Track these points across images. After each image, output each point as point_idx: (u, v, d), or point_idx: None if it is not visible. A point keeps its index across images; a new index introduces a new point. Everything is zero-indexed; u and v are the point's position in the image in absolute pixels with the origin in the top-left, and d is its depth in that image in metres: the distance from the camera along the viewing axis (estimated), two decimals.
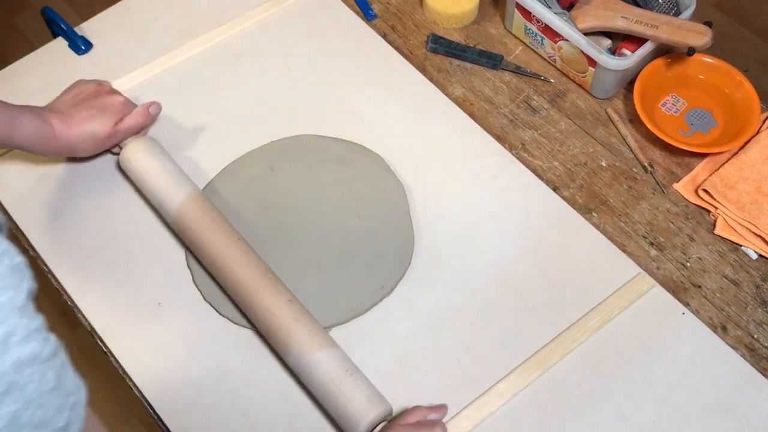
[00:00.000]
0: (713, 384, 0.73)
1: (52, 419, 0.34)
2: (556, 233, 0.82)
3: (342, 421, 0.68)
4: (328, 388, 0.68)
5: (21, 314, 0.33)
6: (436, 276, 0.79)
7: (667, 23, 0.86)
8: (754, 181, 0.84)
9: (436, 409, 0.70)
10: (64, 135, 0.78)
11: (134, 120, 0.82)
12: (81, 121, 0.79)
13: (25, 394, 0.33)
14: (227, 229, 0.76)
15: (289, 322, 0.70)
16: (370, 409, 0.67)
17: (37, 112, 0.78)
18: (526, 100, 0.93)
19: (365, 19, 0.99)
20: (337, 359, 0.69)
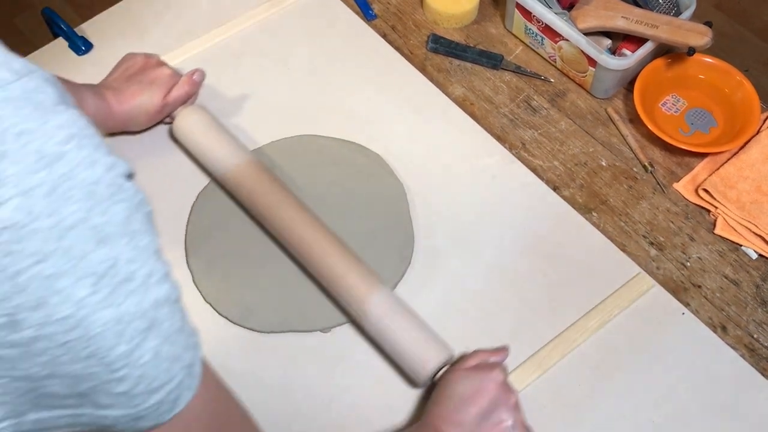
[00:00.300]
0: (713, 384, 0.73)
1: (182, 356, 0.38)
2: (556, 233, 0.82)
3: (406, 366, 0.70)
4: (389, 335, 0.70)
5: (157, 258, 0.37)
6: (436, 276, 0.79)
7: (667, 23, 0.86)
8: (754, 180, 0.84)
9: (497, 353, 0.70)
10: (118, 111, 0.81)
11: (181, 90, 0.84)
12: (132, 96, 0.81)
13: (163, 331, 0.36)
14: (283, 187, 0.79)
15: (349, 272, 0.73)
16: (433, 356, 0.69)
17: (94, 90, 0.80)
18: (526, 99, 0.93)
19: (365, 19, 0.99)
20: (398, 307, 0.71)
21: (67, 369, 0.34)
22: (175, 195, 0.84)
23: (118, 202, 0.34)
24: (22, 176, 0.31)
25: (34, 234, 0.31)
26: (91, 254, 0.33)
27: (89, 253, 0.33)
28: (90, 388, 0.35)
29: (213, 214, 0.82)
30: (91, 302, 0.33)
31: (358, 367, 0.74)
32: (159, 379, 0.36)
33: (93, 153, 0.34)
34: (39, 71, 0.34)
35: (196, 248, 0.80)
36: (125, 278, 0.34)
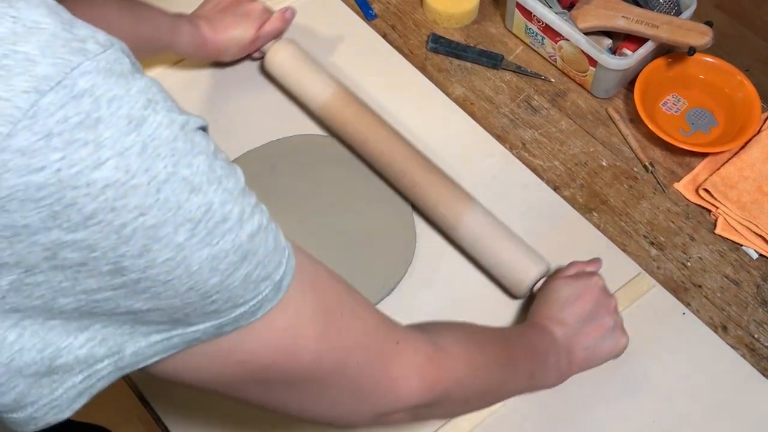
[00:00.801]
0: (713, 384, 0.73)
1: (272, 273, 0.42)
2: (556, 233, 0.82)
3: (507, 275, 0.75)
4: (489, 246, 0.75)
5: (244, 194, 0.40)
6: (437, 276, 0.79)
7: (668, 23, 0.86)
8: (754, 180, 0.84)
9: (592, 263, 0.75)
10: (212, 40, 0.86)
11: (273, 26, 0.89)
12: (226, 28, 0.86)
13: (256, 258, 0.40)
14: (375, 114, 0.84)
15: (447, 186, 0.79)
16: (534, 266, 0.74)
17: (189, 20, 0.85)
18: (526, 99, 0.93)
19: (365, 19, 0.99)
20: (495, 221, 0.77)
21: (167, 302, 0.38)
22: None
23: (198, 154, 0.38)
24: (116, 138, 0.34)
25: (134, 189, 0.34)
26: (187, 203, 0.36)
27: (185, 202, 0.36)
28: (185, 314, 0.39)
29: None
30: (190, 244, 0.36)
31: None
32: (245, 297, 0.40)
33: (169, 114, 0.37)
34: (118, 43, 0.37)
35: None
36: (221, 219, 0.38)
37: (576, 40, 0.87)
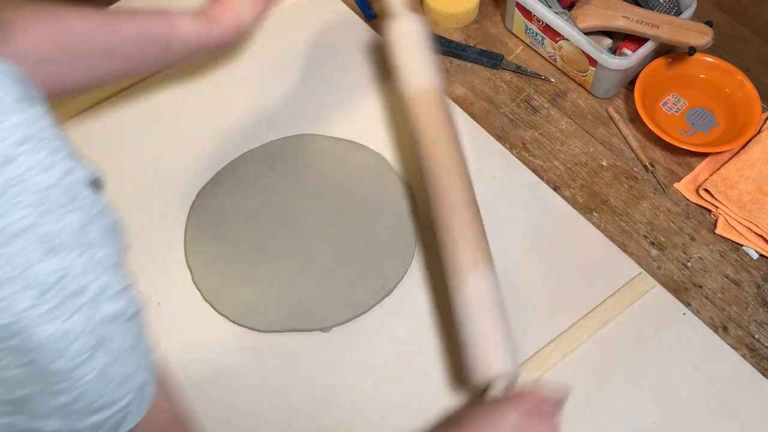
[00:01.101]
0: (714, 384, 0.73)
1: (133, 376, 0.36)
2: (557, 233, 0.82)
3: (469, 360, 0.67)
4: (470, 320, 0.67)
5: (114, 271, 0.35)
6: (437, 276, 0.79)
7: (668, 23, 0.86)
8: (755, 180, 0.84)
9: (555, 401, 0.65)
10: (221, 11, 0.78)
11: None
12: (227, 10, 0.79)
13: (112, 350, 0.34)
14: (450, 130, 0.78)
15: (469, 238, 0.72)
16: (498, 363, 0.65)
17: (192, 12, 0.78)
18: (526, 99, 0.93)
19: (365, 19, 0.99)
20: (491, 297, 0.68)
21: (5, 373, 0.33)
22: (175, 194, 0.84)
23: (72, 211, 0.33)
24: None
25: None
26: (38, 264, 0.31)
27: (36, 263, 0.31)
28: (27, 395, 0.33)
29: (213, 213, 0.82)
30: (34, 314, 0.32)
31: (358, 367, 0.74)
32: (102, 400, 0.35)
33: (49, 156, 0.32)
34: (8, 69, 0.33)
35: (196, 247, 0.80)
36: (75, 292, 0.33)
37: (576, 40, 0.87)
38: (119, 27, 0.71)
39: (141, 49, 0.74)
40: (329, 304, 0.76)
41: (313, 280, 0.78)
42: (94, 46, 0.70)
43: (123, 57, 0.73)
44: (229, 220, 0.82)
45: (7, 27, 0.63)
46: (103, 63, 0.72)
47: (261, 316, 0.76)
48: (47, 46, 0.66)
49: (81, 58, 0.69)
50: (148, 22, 0.74)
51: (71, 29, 0.68)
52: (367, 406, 0.72)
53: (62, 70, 0.68)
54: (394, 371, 0.74)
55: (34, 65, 0.65)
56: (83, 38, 0.69)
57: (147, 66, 0.78)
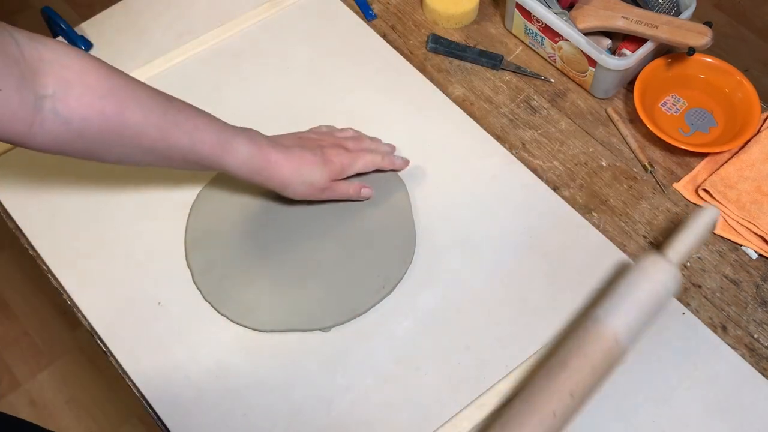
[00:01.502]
0: (713, 384, 0.73)
1: None
2: (556, 233, 0.82)
3: None
4: None
5: None
6: (437, 276, 0.79)
7: (667, 23, 0.86)
8: (754, 180, 0.84)
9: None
10: (279, 170, 0.74)
11: (345, 189, 0.80)
12: (302, 162, 0.75)
13: None
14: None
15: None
16: None
17: (251, 137, 0.74)
18: (526, 99, 0.93)
19: (365, 19, 0.99)
20: None
21: None
22: (175, 194, 0.84)
23: None
24: None
25: None
26: None
27: None
28: None
29: (213, 213, 0.82)
30: None
31: (358, 367, 0.74)
32: None
33: None
34: None
35: (196, 247, 0.80)
36: None
37: (575, 41, 0.88)
38: (173, 135, 0.68)
39: (183, 160, 0.71)
40: (329, 304, 0.77)
41: (313, 280, 0.78)
42: (140, 142, 0.67)
43: (164, 159, 0.70)
44: (229, 220, 0.82)
45: (65, 86, 0.61)
46: (139, 155, 0.69)
47: (261, 316, 0.76)
48: (94, 126, 0.64)
49: (121, 145, 0.67)
50: (202, 142, 0.70)
51: (126, 120, 0.65)
52: (367, 406, 0.72)
53: (97, 148, 0.66)
54: (394, 371, 0.74)
55: (72, 133, 0.63)
56: (133, 132, 0.66)
57: (182, 168, 0.74)
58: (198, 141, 0.70)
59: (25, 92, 0.59)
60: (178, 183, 0.85)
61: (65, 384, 1.60)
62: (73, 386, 1.60)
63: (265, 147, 0.74)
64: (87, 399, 1.58)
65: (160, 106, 0.68)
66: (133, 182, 0.85)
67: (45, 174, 0.86)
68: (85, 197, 0.84)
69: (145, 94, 0.67)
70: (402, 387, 0.73)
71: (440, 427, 0.71)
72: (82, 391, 1.59)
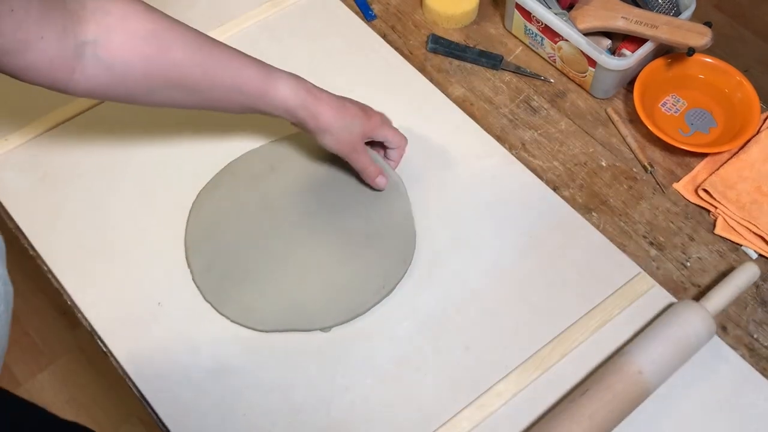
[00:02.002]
0: (713, 384, 0.73)
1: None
2: (556, 233, 0.82)
3: None
4: None
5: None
6: (437, 276, 0.79)
7: (667, 23, 0.86)
8: (754, 180, 0.84)
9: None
10: (323, 109, 0.73)
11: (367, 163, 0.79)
12: (345, 109, 0.75)
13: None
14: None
15: None
16: None
17: (296, 77, 0.74)
18: (526, 100, 0.93)
19: (365, 19, 0.99)
20: None
21: None
22: (175, 194, 0.84)
23: None
24: None
25: None
26: None
27: None
28: None
29: (213, 213, 0.82)
30: None
31: (358, 367, 0.74)
32: None
33: None
34: None
35: (196, 247, 0.80)
36: None
37: (575, 41, 0.88)
38: (215, 72, 0.69)
39: (226, 99, 0.72)
40: (329, 304, 0.77)
41: (313, 280, 0.78)
42: (183, 82, 0.68)
43: (206, 99, 0.71)
44: (229, 220, 0.82)
45: (106, 32, 0.62)
46: (182, 96, 0.70)
47: (261, 316, 0.76)
48: (137, 69, 0.64)
49: (165, 87, 0.67)
50: (246, 78, 0.71)
51: (169, 59, 0.66)
52: (367, 406, 0.72)
53: (139, 91, 0.67)
54: (394, 371, 0.74)
55: (115, 78, 0.64)
56: (176, 72, 0.67)
57: (223, 110, 0.75)
58: (243, 78, 0.70)
59: (67, 39, 0.60)
60: (178, 183, 0.85)
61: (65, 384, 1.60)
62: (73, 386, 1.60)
63: (310, 87, 0.74)
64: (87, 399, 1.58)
65: (203, 46, 0.68)
66: (133, 182, 0.85)
67: (45, 174, 0.86)
68: (86, 197, 0.84)
69: (188, 35, 0.68)
70: (402, 387, 0.73)
71: (440, 427, 0.71)
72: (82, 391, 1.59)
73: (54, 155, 0.87)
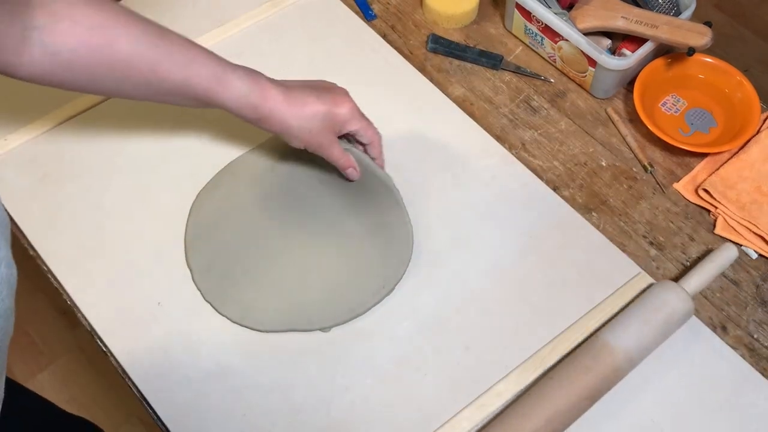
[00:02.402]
0: (713, 384, 0.73)
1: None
2: (556, 233, 0.82)
3: None
4: None
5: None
6: (436, 276, 0.79)
7: (667, 23, 0.86)
8: (753, 180, 0.84)
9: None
10: (278, 110, 0.70)
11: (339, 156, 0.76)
12: (305, 105, 0.71)
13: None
14: None
15: None
16: None
17: (251, 74, 0.71)
18: (526, 100, 0.93)
19: (365, 19, 0.99)
20: None
21: None
22: (175, 194, 0.84)
23: None
24: None
25: None
26: None
27: None
28: None
29: (213, 213, 0.82)
30: None
31: (358, 367, 0.74)
32: None
33: None
34: None
35: (196, 247, 0.80)
36: None
37: (575, 41, 0.88)
38: (163, 67, 0.67)
39: (177, 95, 0.69)
40: (329, 304, 0.77)
41: (313, 280, 0.78)
42: (129, 75, 0.67)
43: (155, 93, 0.69)
44: (229, 220, 0.82)
45: (53, 18, 0.62)
46: (129, 89, 0.68)
47: (261, 316, 0.76)
48: (83, 58, 0.64)
49: (110, 78, 0.67)
50: (195, 75, 0.68)
51: (114, 51, 0.64)
52: (367, 406, 0.72)
53: (85, 80, 0.66)
54: (394, 371, 0.74)
55: (60, 65, 0.64)
56: (122, 65, 0.66)
57: (177, 104, 0.72)
58: (192, 74, 0.67)
59: (15, 24, 0.61)
60: (178, 183, 0.85)
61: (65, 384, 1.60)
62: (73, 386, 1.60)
63: (265, 84, 0.70)
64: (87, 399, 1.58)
65: (152, 39, 0.66)
66: (133, 182, 0.85)
67: (45, 174, 0.86)
68: (86, 197, 0.84)
69: (136, 27, 0.66)
70: (402, 387, 0.73)
71: (440, 427, 0.71)
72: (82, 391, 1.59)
73: (54, 155, 0.87)
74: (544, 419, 0.67)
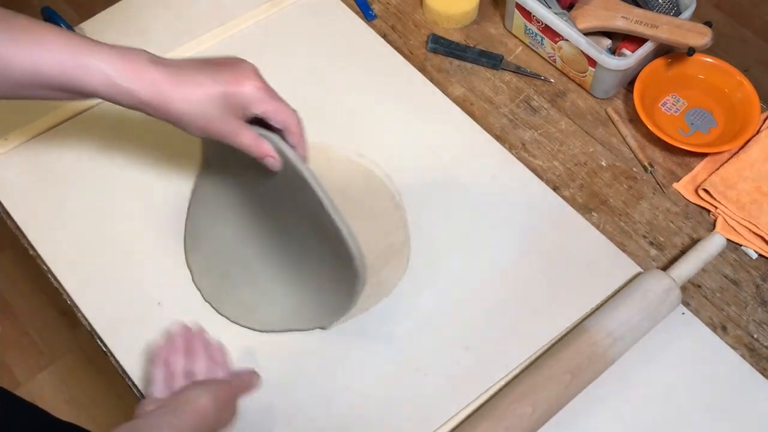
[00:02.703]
0: (713, 384, 0.73)
1: None
2: (556, 233, 0.82)
3: None
4: None
5: None
6: (436, 276, 0.79)
7: (667, 23, 0.86)
8: (754, 180, 0.84)
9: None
10: (164, 95, 0.60)
11: (250, 142, 0.65)
12: (196, 87, 0.60)
13: None
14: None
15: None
16: None
17: (123, 53, 0.60)
18: (526, 100, 0.93)
19: (365, 19, 0.99)
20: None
21: None
22: (175, 194, 0.84)
23: None
24: None
25: None
26: None
27: None
28: None
29: (212, 214, 0.82)
30: None
31: (358, 367, 0.74)
32: None
33: None
34: None
35: (196, 247, 0.80)
36: None
37: (575, 41, 0.88)
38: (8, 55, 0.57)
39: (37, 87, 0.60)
40: (329, 304, 0.77)
41: (313, 280, 0.78)
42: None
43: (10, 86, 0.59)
44: (228, 220, 0.82)
45: None
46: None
47: (261, 316, 0.76)
48: None
49: None
50: (50, 61, 0.58)
51: None
52: (367, 406, 0.72)
53: None
54: (394, 371, 0.74)
55: None
56: None
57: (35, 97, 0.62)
58: (43, 60, 0.57)
59: None
60: (178, 183, 0.85)
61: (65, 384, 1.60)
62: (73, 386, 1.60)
63: (141, 64, 0.59)
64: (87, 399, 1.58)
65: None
66: (133, 182, 0.85)
67: (45, 174, 0.86)
68: (85, 197, 0.84)
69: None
70: (402, 387, 0.73)
71: (440, 427, 0.71)
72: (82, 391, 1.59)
73: (54, 155, 0.87)
74: (520, 393, 0.68)
